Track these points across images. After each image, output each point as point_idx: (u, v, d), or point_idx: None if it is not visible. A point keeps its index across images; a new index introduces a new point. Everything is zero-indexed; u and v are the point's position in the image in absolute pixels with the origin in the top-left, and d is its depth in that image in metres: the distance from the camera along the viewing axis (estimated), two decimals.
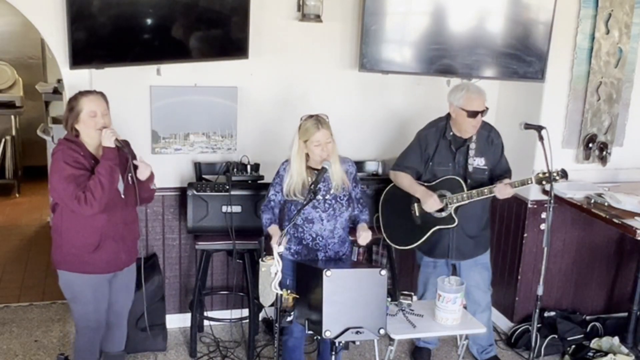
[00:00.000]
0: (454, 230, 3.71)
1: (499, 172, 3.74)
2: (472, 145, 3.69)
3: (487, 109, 3.62)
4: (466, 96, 3.58)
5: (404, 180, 3.76)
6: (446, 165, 3.70)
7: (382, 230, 3.92)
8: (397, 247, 3.88)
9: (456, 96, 3.62)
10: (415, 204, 3.74)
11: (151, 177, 3.32)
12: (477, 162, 3.70)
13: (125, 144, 3.19)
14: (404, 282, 4.59)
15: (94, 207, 3.02)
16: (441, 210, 3.65)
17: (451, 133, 3.70)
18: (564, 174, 3.42)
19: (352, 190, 3.41)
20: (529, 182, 3.48)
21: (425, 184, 3.71)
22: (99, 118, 3.10)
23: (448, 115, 3.73)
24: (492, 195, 3.58)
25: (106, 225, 3.16)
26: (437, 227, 3.68)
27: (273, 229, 3.37)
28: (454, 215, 3.63)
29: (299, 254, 3.37)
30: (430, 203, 3.62)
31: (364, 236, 3.36)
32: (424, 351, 4.12)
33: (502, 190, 3.53)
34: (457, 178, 3.64)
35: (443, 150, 3.71)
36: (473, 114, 3.58)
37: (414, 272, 4.68)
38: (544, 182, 3.43)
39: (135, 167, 3.23)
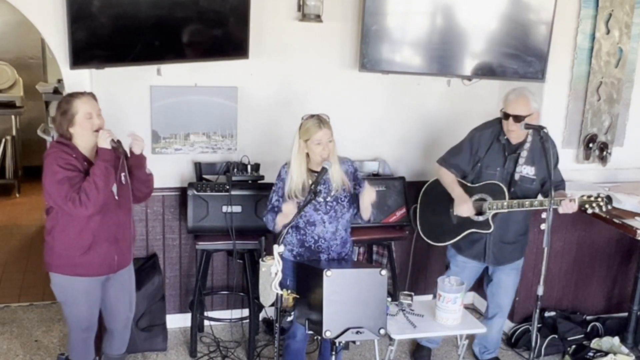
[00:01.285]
0: (489, 236, 3.66)
1: (552, 183, 3.63)
2: (524, 154, 3.61)
3: (527, 115, 3.48)
4: (508, 98, 3.55)
5: (447, 178, 3.72)
6: (494, 169, 3.64)
7: (418, 222, 3.90)
8: (429, 242, 3.85)
9: (504, 99, 3.60)
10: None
11: (142, 161, 3.31)
12: (526, 171, 3.61)
13: (119, 143, 3.15)
14: (404, 282, 4.59)
15: (88, 209, 3.00)
16: (480, 213, 3.61)
17: (505, 137, 3.63)
18: (609, 201, 3.37)
19: (354, 189, 3.40)
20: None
21: (469, 184, 3.67)
22: (95, 119, 3.08)
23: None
24: (534, 209, 3.51)
25: (99, 227, 3.13)
26: (472, 230, 3.64)
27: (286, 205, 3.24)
28: (490, 222, 3.57)
29: (301, 256, 3.35)
30: (463, 209, 3.57)
31: (369, 193, 3.26)
32: (425, 350, 4.12)
33: (567, 206, 3.39)
34: (501, 184, 3.57)
35: (494, 154, 3.65)
36: (506, 116, 3.54)
37: (414, 272, 4.68)
38: (586, 206, 3.37)
39: (129, 163, 3.24)
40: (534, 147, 3.61)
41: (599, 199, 3.35)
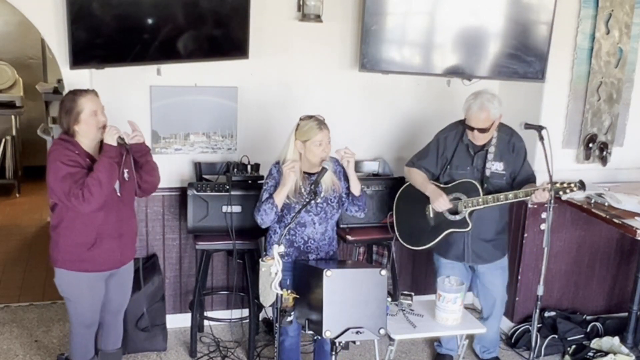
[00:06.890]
0: (468, 234, 3.67)
1: (522, 177, 3.66)
2: (491, 149, 3.63)
3: (489, 127, 3.53)
4: (469, 112, 3.55)
5: (418, 177, 3.73)
6: (464, 168, 3.66)
7: (395, 228, 3.90)
8: (409, 247, 3.84)
9: (465, 106, 3.59)
10: (430, 205, 3.70)
11: (146, 149, 3.32)
12: (496, 167, 3.63)
13: (124, 140, 3.16)
14: (404, 282, 4.59)
15: (91, 204, 3.01)
16: (455, 213, 3.62)
17: (468, 137, 3.65)
18: (582, 186, 3.38)
19: (346, 189, 3.42)
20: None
21: (442, 185, 3.68)
22: (100, 116, 3.10)
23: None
24: (509, 202, 3.52)
25: (103, 224, 3.15)
26: (450, 229, 3.64)
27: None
28: (468, 219, 3.58)
29: (289, 256, 3.37)
30: (439, 202, 3.57)
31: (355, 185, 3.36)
32: (447, 358, 4.12)
33: (540, 195, 3.40)
34: (474, 182, 3.59)
35: (461, 154, 3.67)
36: (471, 129, 3.56)
37: (414, 272, 4.68)
38: (560, 193, 3.40)
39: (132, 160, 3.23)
40: (500, 143, 3.64)
41: (572, 184, 3.38)
